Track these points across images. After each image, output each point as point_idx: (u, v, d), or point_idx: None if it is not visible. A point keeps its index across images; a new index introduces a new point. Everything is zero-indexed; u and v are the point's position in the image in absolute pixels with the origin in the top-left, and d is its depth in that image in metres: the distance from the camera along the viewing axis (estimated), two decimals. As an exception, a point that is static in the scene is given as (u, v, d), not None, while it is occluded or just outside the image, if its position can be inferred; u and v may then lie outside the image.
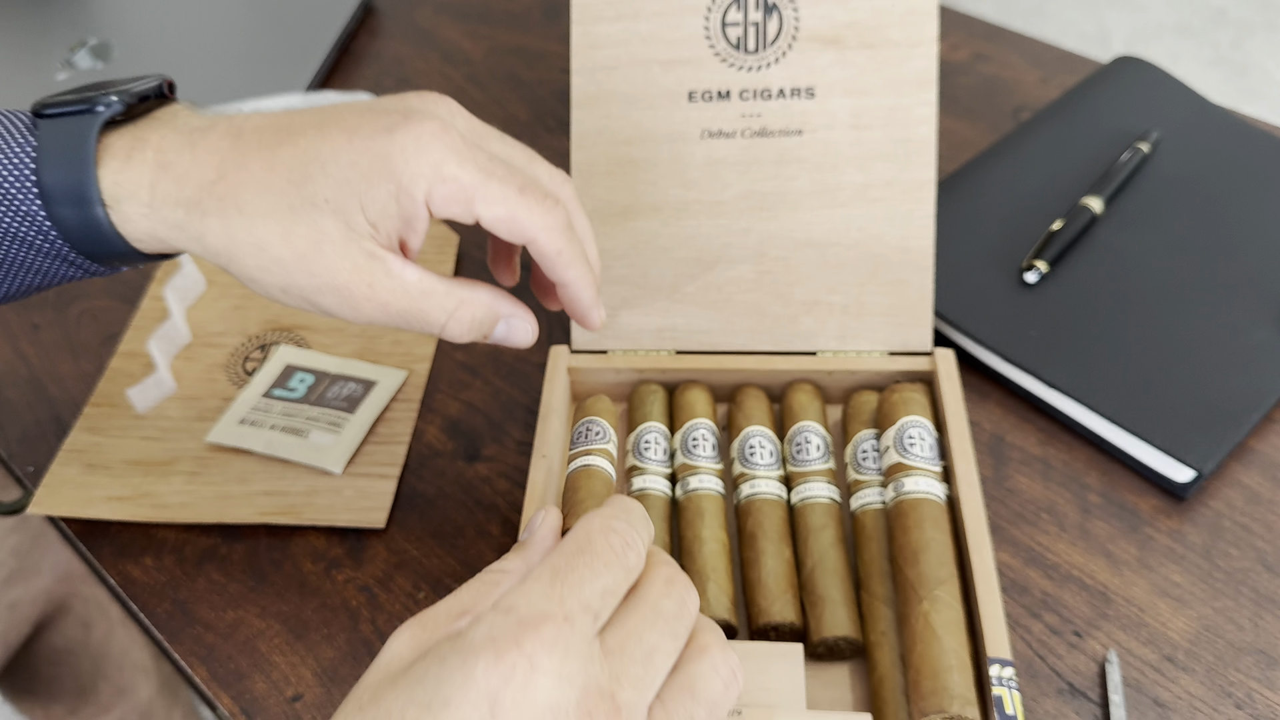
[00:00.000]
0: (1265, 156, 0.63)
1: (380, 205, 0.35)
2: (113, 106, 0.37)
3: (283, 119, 0.37)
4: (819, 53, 0.51)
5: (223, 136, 0.37)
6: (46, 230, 0.38)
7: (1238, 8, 2.16)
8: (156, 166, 0.37)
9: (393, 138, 0.35)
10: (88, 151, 0.37)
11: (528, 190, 0.36)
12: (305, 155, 0.36)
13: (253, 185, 0.36)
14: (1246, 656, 0.44)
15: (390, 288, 0.36)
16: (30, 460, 0.55)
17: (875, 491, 0.47)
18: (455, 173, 0.35)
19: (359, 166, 0.35)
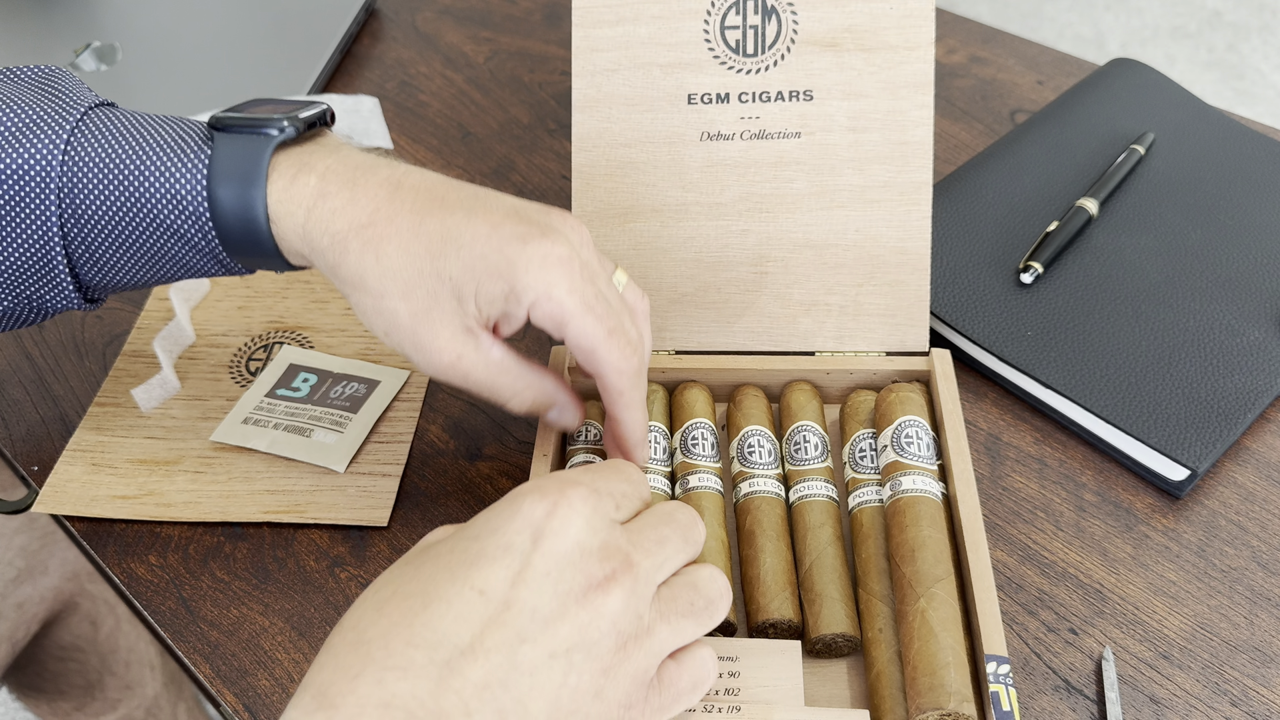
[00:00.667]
0: (1260, 158, 0.63)
1: (491, 297, 0.40)
2: (286, 131, 0.42)
3: (439, 188, 0.41)
4: (817, 56, 0.51)
5: (383, 185, 0.41)
6: (209, 232, 0.42)
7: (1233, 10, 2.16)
8: (317, 194, 0.41)
9: (524, 248, 0.39)
10: (260, 168, 0.41)
11: (615, 334, 0.41)
12: (448, 233, 0.40)
13: (396, 240, 0.40)
14: (1241, 654, 0.44)
15: (475, 361, 0.42)
16: (35, 459, 0.55)
17: (872, 490, 0.47)
18: (563, 297, 0.40)
19: (488, 260, 0.39)
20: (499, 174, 0.71)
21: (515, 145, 0.73)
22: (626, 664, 0.34)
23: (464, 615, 0.33)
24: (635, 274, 0.53)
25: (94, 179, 0.42)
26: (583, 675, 0.33)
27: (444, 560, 0.34)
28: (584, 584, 0.34)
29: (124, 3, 0.84)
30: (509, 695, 0.32)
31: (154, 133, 0.43)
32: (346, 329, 0.60)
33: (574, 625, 0.33)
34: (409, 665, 0.32)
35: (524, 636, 0.33)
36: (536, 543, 0.34)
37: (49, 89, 0.44)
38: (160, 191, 0.42)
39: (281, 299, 0.62)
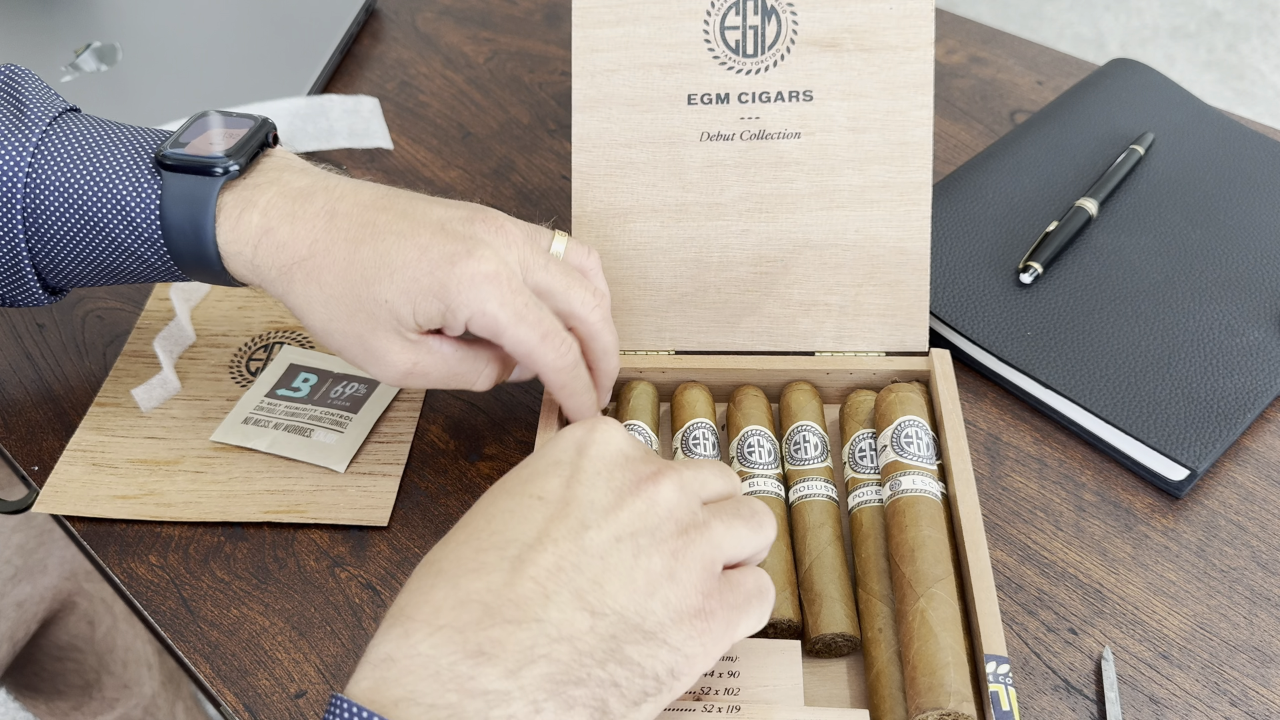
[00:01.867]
0: (1259, 158, 0.64)
1: (428, 314, 0.43)
2: (230, 172, 0.45)
3: (370, 212, 0.44)
4: (817, 56, 0.51)
5: (319, 215, 0.44)
6: (165, 256, 0.46)
7: (1233, 11, 2.16)
8: (261, 230, 0.44)
9: (453, 270, 0.42)
10: (208, 211, 0.44)
11: (548, 337, 0.43)
12: (380, 260, 0.43)
13: (334, 269, 0.43)
14: (1241, 654, 0.44)
15: (430, 362, 0.45)
16: (35, 459, 0.55)
17: (872, 490, 0.47)
18: (495, 311, 0.42)
19: (420, 284, 0.42)
20: (499, 174, 0.71)
21: (515, 145, 0.73)
22: (692, 548, 0.36)
23: (527, 518, 0.35)
24: (635, 274, 0.53)
25: (55, 201, 0.46)
26: (652, 557, 0.35)
27: (501, 489, 0.37)
28: (634, 479, 0.37)
29: (124, 3, 0.85)
30: (584, 576, 0.34)
31: (110, 156, 0.46)
32: (346, 329, 0.60)
33: (632, 512, 0.36)
34: (481, 566, 0.34)
35: (586, 524, 0.35)
36: (582, 452, 0.37)
37: (11, 101, 0.47)
38: (118, 219, 0.46)
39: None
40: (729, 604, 0.36)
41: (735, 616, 0.36)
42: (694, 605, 0.35)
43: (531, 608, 0.33)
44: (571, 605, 0.33)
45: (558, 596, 0.33)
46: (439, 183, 0.70)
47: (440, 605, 0.33)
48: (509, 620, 0.32)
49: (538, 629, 0.33)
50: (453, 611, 0.33)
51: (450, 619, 0.32)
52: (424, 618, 0.33)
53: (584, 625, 0.33)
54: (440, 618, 0.33)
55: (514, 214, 0.67)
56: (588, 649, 0.33)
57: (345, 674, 0.45)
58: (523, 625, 0.32)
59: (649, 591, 0.34)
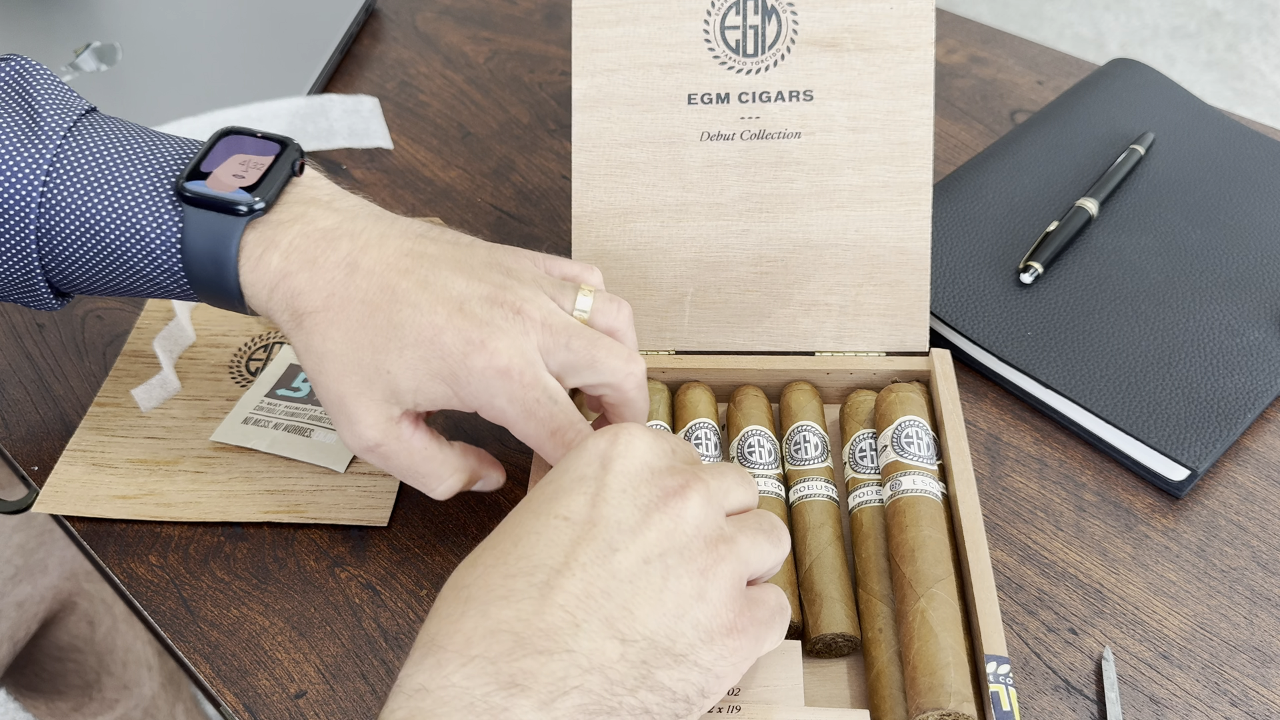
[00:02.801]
0: (1260, 158, 0.64)
1: (431, 396, 0.42)
2: (255, 211, 0.43)
3: (392, 274, 0.42)
4: (817, 56, 0.51)
5: (340, 266, 0.42)
6: (182, 282, 0.45)
7: (1233, 10, 2.16)
8: (280, 274, 0.42)
9: (465, 361, 0.41)
10: (230, 252, 0.43)
11: (556, 435, 0.42)
12: (393, 330, 0.41)
13: (344, 327, 0.42)
14: (1241, 654, 0.44)
15: (395, 449, 0.43)
16: (35, 459, 0.55)
17: (872, 490, 0.47)
18: (503, 407, 0.42)
19: (430, 365, 0.41)
20: (499, 174, 0.71)
21: (515, 145, 0.73)
22: (720, 565, 0.35)
23: (553, 540, 0.35)
24: (635, 274, 0.53)
25: (70, 224, 0.44)
26: (681, 578, 0.35)
27: (526, 508, 0.37)
28: (660, 494, 0.36)
29: (124, 3, 0.84)
30: (613, 603, 0.34)
31: (127, 177, 0.44)
32: (346, 329, 0.60)
33: (660, 531, 0.35)
34: (509, 594, 0.34)
35: (614, 546, 0.35)
36: (606, 466, 0.36)
37: (23, 105, 0.44)
38: (136, 248, 0.44)
39: (281, 299, 0.62)
40: (757, 620, 0.36)
41: (763, 632, 0.36)
42: (724, 623, 0.35)
43: (562, 637, 0.33)
44: (601, 634, 0.33)
45: (587, 625, 0.33)
46: (439, 183, 0.70)
47: (471, 635, 0.33)
48: (540, 651, 0.32)
49: (569, 660, 0.32)
50: (484, 641, 0.32)
51: (482, 649, 0.32)
52: (456, 648, 0.32)
53: (615, 654, 0.33)
54: (472, 648, 0.32)
55: (514, 214, 0.67)
56: (619, 677, 0.33)
57: (345, 674, 0.45)
58: (554, 656, 0.32)
59: (679, 614, 0.34)
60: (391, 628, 0.47)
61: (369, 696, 0.45)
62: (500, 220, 0.67)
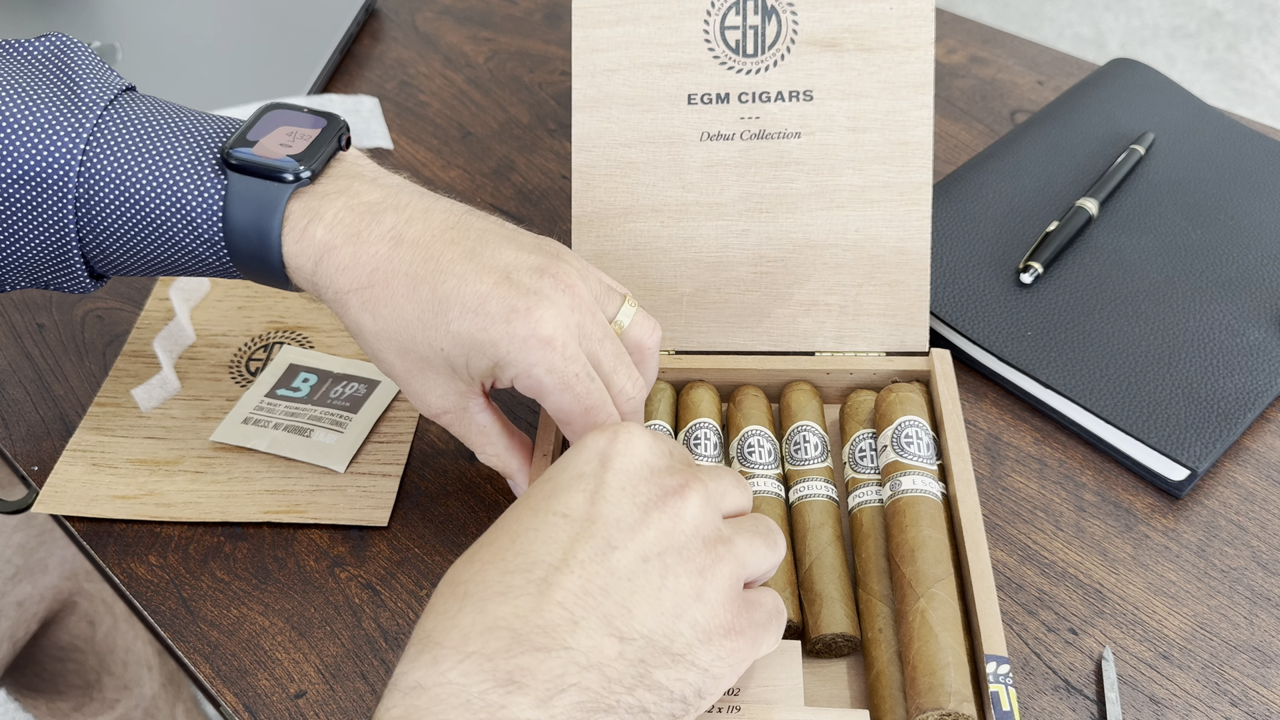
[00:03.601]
0: (1259, 158, 0.64)
1: (479, 368, 0.42)
2: (302, 180, 0.42)
3: (438, 245, 0.41)
4: (817, 56, 0.51)
5: (384, 240, 0.41)
6: (224, 257, 0.44)
7: (1233, 10, 2.16)
8: (324, 248, 0.42)
9: (508, 328, 0.40)
10: (274, 219, 0.42)
11: (590, 411, 0.42)
12: (439, 303, 0.41)
13: (391, 303, 0.41)
14: (1241, 654, 0.44)
15: (464, 421, 0.44)
16: (35, 459, 0.55)
17: (872, 490, 0.47)
18: (541, 377, 0.41)
19: (474, 338, 0.41)
20: (499, 174, 0.71)
21: (515, 145, 0.73)
22: (719, 565, 0.35)
23: (552, 537, 0.34)
24: (635, 274, 0.53)
25: (110, 194, 0.43)
26: (680, 577, 0.34)
27: (524, 504, 0.37)
28: (659, 494, 0.36)
29: (124, 3, 0.85)
30: (611, 600, 0.33)
31: (170, 149, 0.43)
32: (346, 329, 0.60)
33: (659, 529, 0.35)
34: (507, 590, 0.33)
35: (612, 544, 0.34)
36: (606, 464, 0.36)
37: (64, 77, 0.44)
38: (177, 219, 0.43)
39: (282, 299, 0.62)
40: (754, 623, 0.36)
41: (759, 635, 0.36)
42: (722, 624, 0.35)
43: (560, 634, 0.32)
44: (600, 631, 0.33)
45: (585, 622, 0.33)
46: (439, 183, 0.70)
47: (468, 631, 0.33)
48: (538, 648, 0.32)
49: (567, 657, 0.32)
50: (481, 638, 0.32)
51: (479, 646, 0.32)
52: (452, 644, 0.32)
53: (612, 652, 0.33)
54: (469, 644, 0.32)
55: (514, 214, 0.67)
56: (616, 676, 0.33)
57: (345, 674, 0.45)
58: (552, 653, 0.32)
59: (676, 613, 0.34)
60: (391, 628, 0.47)
61: (369, 696, 0.45)
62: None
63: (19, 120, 0.42)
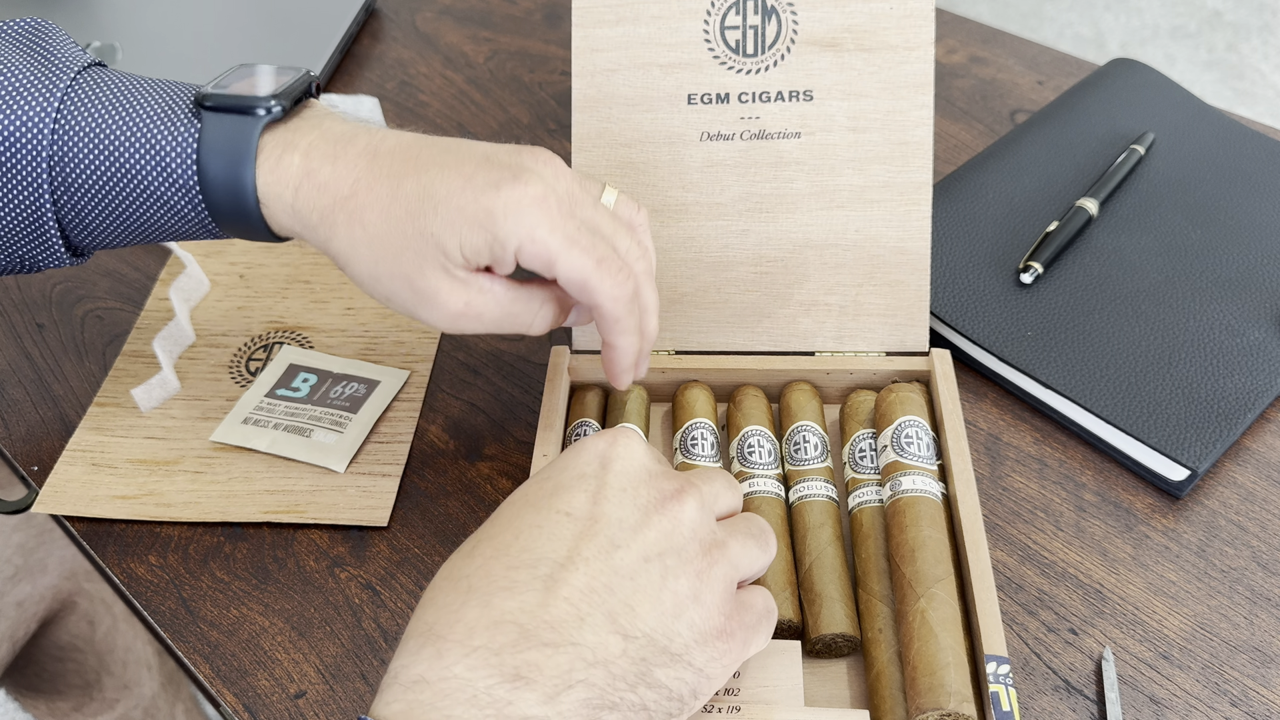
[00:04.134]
0: (1260, 158, 0.64)
1: (475, 247, 0.40)
2: (274, 112, 0.42)
3: (413, 148, 0.42)
4: (817, 56, 0.51)
5: (361, 154, 0.42)
6: (199, 205, 0.43)
7: (1233, 10, 2.16)
8: (302, 172, 0.42)
9: (498, 194, 0.40)
10: (248, 151, 0.42)
11: (604, 262, 0.41)
12: (424, 192, 0.41)
13: (377, 207, 0.41)
14: (1241, 654, 0.44)
15: (484, 302, 0.42)
16: (35, 459, 0.55)
17: (872, 490, 0.47)
18: (544, 237, 0.40)
19: (465, 212, 0.40)
20: (499, 174, 0.71)
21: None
22: (715, 568, 0.36)
23: (556, 535, 0.35)
24: (635, 274, 0.53)
25: (84, 148, 0.43)
26: (679, 578, 0.35)
27: (524, 501, 0.37)
28: (658, 497, 0.37)
29: (124, 3, 0.85)
30: (615, 598, 0.34)
31: (143, 102, 0.43)
32: (346, 329, 0.60)
33: (659, 531, 0.36)
34: (513, 585, 0.33)
35: (616, 543, 0.35)
36: (606, 466, 0.37)
37: (37, 49, 0.44)
38: (151, 165, 0.43)
39: (281, 299, 0.62)
40: (745, 624, 0.37)
41: (750, 636, 0.37)
42: (716, 626, 0.35)
43: (567, 630, 0.33)
44: (605, 628, 0.33)
45: (591, 619, 0.33)
46: (439, 183, 0.70)
47: (474, 625, 0.32)
48: (545, 643, 0.32)
49: (574, 653, 0.32)
50: (487, 632, 0.32)
51: (485, 640, 0.32)
52: (457, 638, 0.32)
53: (617, 649, 0.33)
54: (474, 638, 0.32)
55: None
56: (620, 673, 0.33)
57: (345, 674, 0.45)
58: (559, 649, 0.32)
59: (676, 613, 0.35)
60: (391, 628, 0.47)
61: (369, 696, 0.45)
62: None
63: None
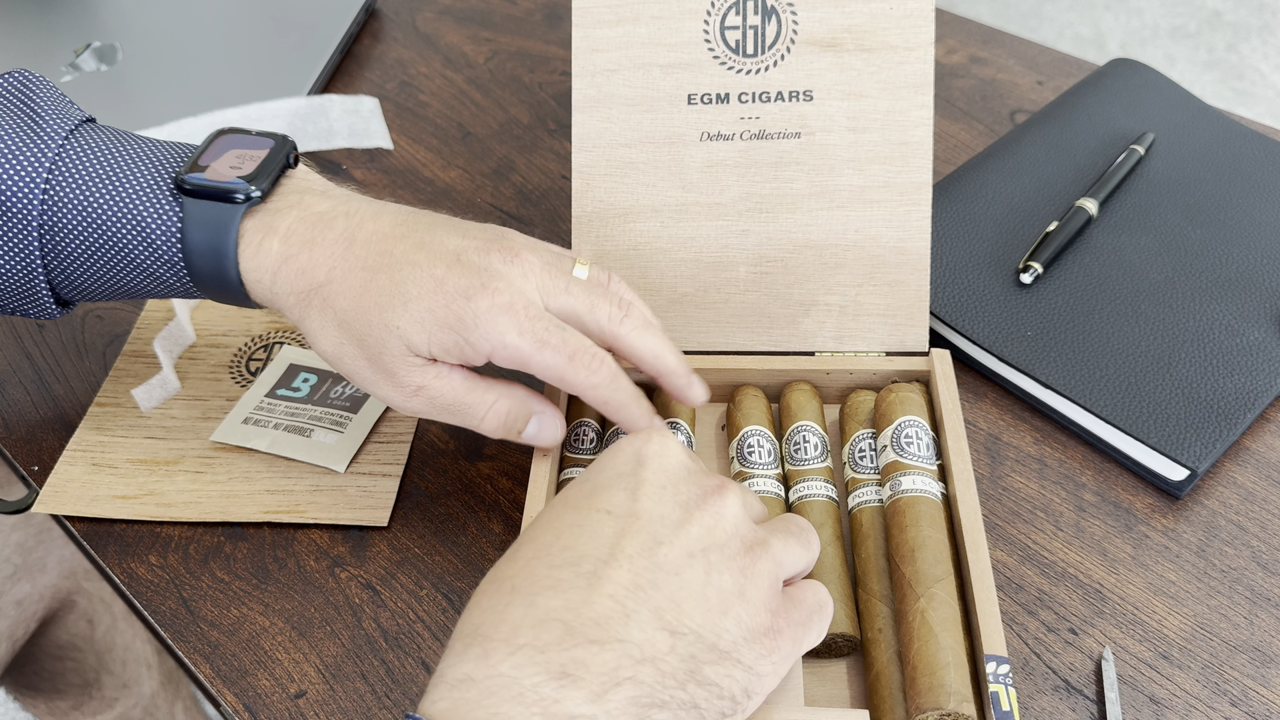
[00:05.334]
0: (1259, 158, 0.64)
1: (444, 345, 0.42)
2: (253, 199, 0.44)
3: (388, 241, 0.43)
4: (817, 56, 0.51)
5: (338, 240, 0.43)
6: (183, 277, 0.45)
7: (1233, 10, 2.16)
8: (281, 258, 0.43)
9: (469, 304, 0.41)
10: (229, 238, 0.43)
11: (576, 357, 0.42)
12: (396, 288, 0.42)
13: (349, 295, 0.43)
14: (1241, 654, 0.44)
15: (439, 387, 0.43)
16: (35, 459, 0.55)
17: (872, 490, 0.47)
18: (515, 342, 0.41)
19: (437, 315, 0.41)
20: (499, 174, 0.71)
21: (515, 145, 0.73)
22: (758, 564, 0.36)
23: (597, 533, 0.35)
24: (635, 274, 0.53)
25: (72, 219, 0.44)
26: (724, 574, 0.35)
27: (564, 503, 0.37)
28: (699, 493, 0.37)
29: (124, 3, 0.85)
30: (661, 594, 0.34)
31: (129, 174, 0.45)
32: (346, 329, 0.60)
33: (701, 527, 0.36)
34: (556, 583, 0.34)
35: (659, 539, 0.35)
36: (643, 464, 0.37)
37: (26, 108, 0.46)
38: (137, 241, 0.45)
39: (281, 299, 0.62)
40: (795, 621, 0.36)
41: (800, 633, 0.37)
42: (764, 623, 0.35)
43: (613, 627, 0.32)
44: (652, 624, 0.33)
45: (638, 615, 0.33)
46: (439, 183, 0.70)
47: (518, 624, 0.32)
48: (591, 640, 0.32)
49: (621, 650, 0.32)
50: (532, 630, 0.32)
51: (530, 638, 0.32)
52: (502, 637, 0.32)
53: (665, 646, 0.33)
54: (519, 636, 0.32)
55: (514, 214, 0.67)
56: (670, 670, 0.33)
57: (345, 674, 0.45)
58: (606, 646, 0.32)
59: (722, 610, 0.34)
60: (391, 628, 0.47)
61: (369, 696, 0.45)
62: (500, 220, 0.67)
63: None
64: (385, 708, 0.44)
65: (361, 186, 0.70)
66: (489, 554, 0.49)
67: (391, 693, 0.45)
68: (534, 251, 0.44)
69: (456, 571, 0.49)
